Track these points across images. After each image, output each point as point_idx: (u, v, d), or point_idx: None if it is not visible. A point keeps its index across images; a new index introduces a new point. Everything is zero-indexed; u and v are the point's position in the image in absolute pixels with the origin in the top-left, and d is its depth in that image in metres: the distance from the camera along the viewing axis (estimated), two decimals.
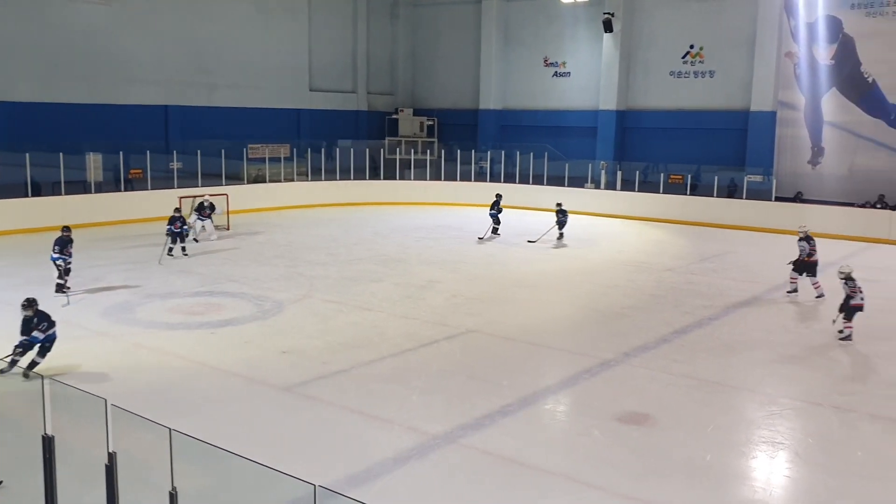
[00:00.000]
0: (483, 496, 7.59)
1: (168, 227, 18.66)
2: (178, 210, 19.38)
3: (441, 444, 8.61)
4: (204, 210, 21.32)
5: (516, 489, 7.75)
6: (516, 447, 8.62)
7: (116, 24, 27.78)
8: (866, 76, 26.75)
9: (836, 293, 13.58)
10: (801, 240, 16.13)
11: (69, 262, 15.08)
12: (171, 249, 18.66)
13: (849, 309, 12.87)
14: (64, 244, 15.05)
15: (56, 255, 14.94)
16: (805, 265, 15.95)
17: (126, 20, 28.02)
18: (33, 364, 10.28)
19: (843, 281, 12.98)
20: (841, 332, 12.90)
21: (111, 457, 5.24)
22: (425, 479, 7.89)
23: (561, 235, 22.19)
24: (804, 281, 15.93)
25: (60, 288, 14.84)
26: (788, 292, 16.06)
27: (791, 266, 16.14)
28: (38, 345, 10.37)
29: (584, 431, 9.22)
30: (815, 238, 16.20)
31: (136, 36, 28.31)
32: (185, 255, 18.86)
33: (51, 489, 5.78)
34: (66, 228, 15.46)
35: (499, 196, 23.43)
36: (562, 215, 22.12)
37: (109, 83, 27.73)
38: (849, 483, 7.98)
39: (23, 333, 10.28)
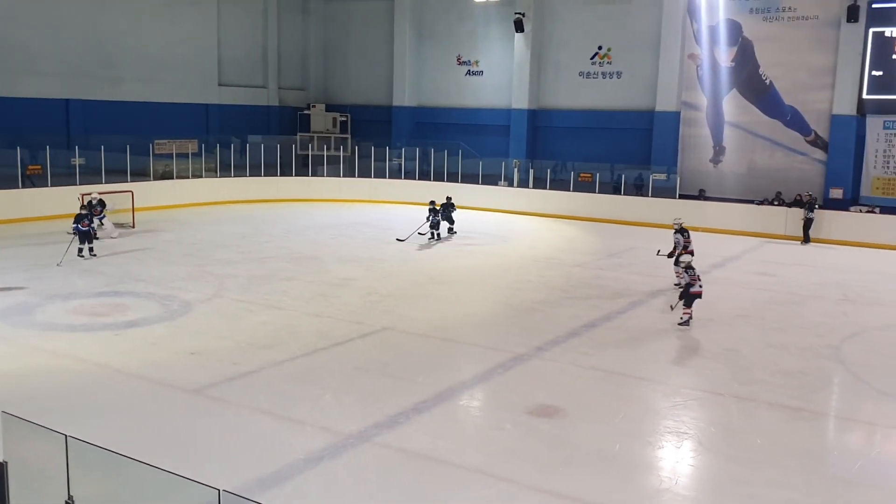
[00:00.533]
0: (396, 494, 7.57)
1: (74, 225, 17.90)
2: (84, 207, 18.65)
3: (355, 443, 8.55)
4: (94, 208, 20.17)
5: (430, 485, 7.77)
6: (430, 443, 8.63)
7: (13, 13, 26.50)
8: (764, 78, 27.91)
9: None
10: (676, 232, 16.79)
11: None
12: (80, 250, 17.91)
13: (688, 296, 13.59)
14: (80, 218, 17.81)
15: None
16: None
17: (24, 8, 26.75)
18: None
19: (684, 268, 13.88)
20: (681, 318, 13.62)
21: (2, 466, 4.99)
22: (338, 480, 7.81)
23: (450, 230, 22.33)
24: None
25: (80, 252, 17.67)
26: (676, 285, 16.60)
27: (666, 256, 16.80)
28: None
29: (498, 425, 9.32)
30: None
31: (34, 25, 27.07)
32: (94, 255, 18.11)
33: None
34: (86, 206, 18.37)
35: (448, 198, 23.04)
36: (435, 214, 21.79)
37: (6, 74, 26.42)
38: (750, 469, 8.29)
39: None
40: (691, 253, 16.21)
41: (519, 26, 31.90)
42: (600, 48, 31.56)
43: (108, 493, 4.95)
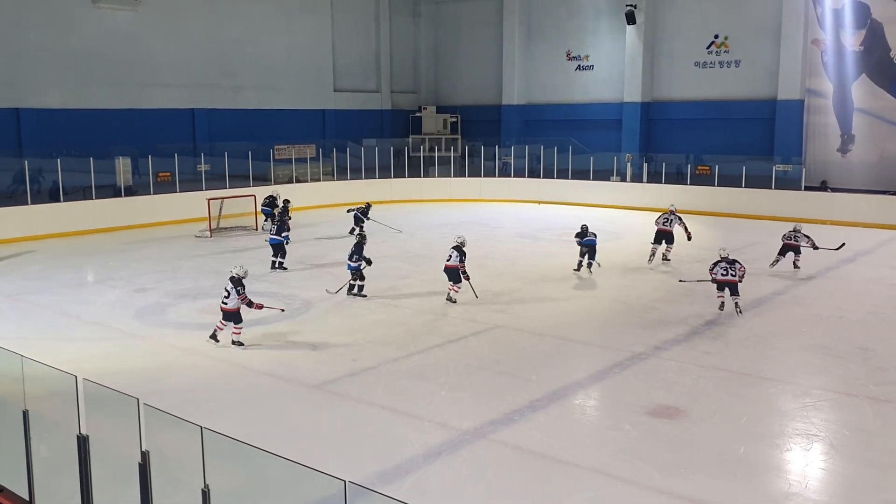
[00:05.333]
0: (513, 491, 7.57)
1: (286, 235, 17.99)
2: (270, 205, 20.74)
3: (471, 439, 8.60)
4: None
5: (547, 483, 7.72)
6: (546, 442, 8.59)
7: (141, 30, 28.10)
8: None
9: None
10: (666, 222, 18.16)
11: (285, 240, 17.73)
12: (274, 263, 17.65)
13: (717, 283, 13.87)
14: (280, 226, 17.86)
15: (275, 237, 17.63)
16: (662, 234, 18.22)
17: (151, 25, 28.34)
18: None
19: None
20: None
21: (144, 456, 5.30)
22: (456, 475, 7.89)
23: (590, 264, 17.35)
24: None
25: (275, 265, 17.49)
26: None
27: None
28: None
29: (615, 425, 9.16)
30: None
31: (161, 41, 28.63)
32: (284, 268, 17.56)
33: (86, 488, 5.86)
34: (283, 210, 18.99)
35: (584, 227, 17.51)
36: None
37: (136, 88, 28.09)
38: (886, 474, 7.85)
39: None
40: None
41: (631, 18, 31.30)
42: (717, 37, 30.56)
43: (240, 482, 5.17)
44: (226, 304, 11.80)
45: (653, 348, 11.86)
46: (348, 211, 22.26)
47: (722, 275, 13.76)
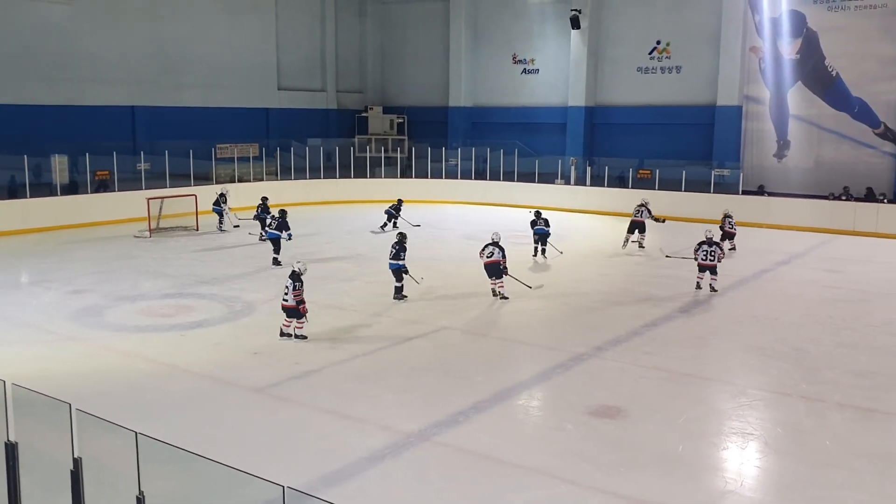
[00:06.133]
0: (457, 492, 7.58)
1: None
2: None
3: (415, 442, 8.59)
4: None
5: (490, 485, 7.75)
6: (490, 443, 8.62)
7: (80, 24, 27.37)
8: (830, 70, 27.13)
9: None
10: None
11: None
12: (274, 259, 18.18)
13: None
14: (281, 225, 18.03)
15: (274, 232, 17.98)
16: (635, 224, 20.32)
17: (90, 20, 27.62)
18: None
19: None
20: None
21: (76, 462, 5.15)
22: (399, 478, 7.86)
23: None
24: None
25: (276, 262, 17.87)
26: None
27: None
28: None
29: (558, 426, 9.25)
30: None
31: (100, 36, 27.91)
32: (279, 264, 17.84)
33: (15, 496, 5.67)
34: (282, 212, 18.50)
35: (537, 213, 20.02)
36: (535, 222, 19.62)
37: (74, 84, 27.31)
38: (819, 472, 8.07)
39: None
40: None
41: (575, 23, 31.66)
42: (658, 43, 31.11)
43: (176, 488, 5.08)
44: (286, 300, 12.04)
45: (595, 349, 12.01)
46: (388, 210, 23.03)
47: (702, 259, 15.48)
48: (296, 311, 12.08)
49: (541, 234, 19.22)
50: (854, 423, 9.47)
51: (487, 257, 14.93)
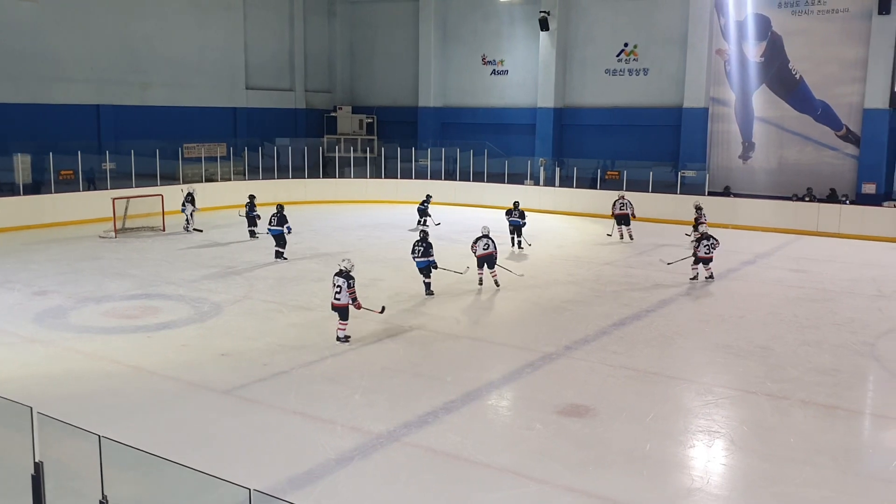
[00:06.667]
0: (426, 493, 7.57)
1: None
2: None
3: (384, 443, 8.57)
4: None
5: (459, 485, 7.76)
6: (459, 443, 8.63)
7: (44, 21, 26.88)
8: (794, 73, 27.55)
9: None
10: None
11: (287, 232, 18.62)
12: (277, 253, 18.89)
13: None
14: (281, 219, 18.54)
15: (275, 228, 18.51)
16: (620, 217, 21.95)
17: (54, 17, 27.14)
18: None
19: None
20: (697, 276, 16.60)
21: (38, 467, 5.06)
22: (368, 479, 7.84)
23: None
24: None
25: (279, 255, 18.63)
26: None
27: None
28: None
29: (527, 425, 9.29)
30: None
31: (64, 33, 27.45)
32: (285, 258, 18.75)
33: None
34: (280, 206, 19.08)
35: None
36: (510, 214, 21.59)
37: (38, 82, 26.81)
38: (783, 468, 8.19)
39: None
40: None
41: (544, 24, 31.78)
42: (626, 45, 31.34)
43: (141, 492, 5.01)
44: (339, 299, 11.97)
45: (564, 348, 12.08)
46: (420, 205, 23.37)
47: (705, 253, 16.53)
48: (346, 311, 11.99)
49: (514, 226, 20.51)
50: (817, 419, 9.63)
51: (483, 249, 15.90)
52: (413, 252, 15.58)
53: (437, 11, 35.25)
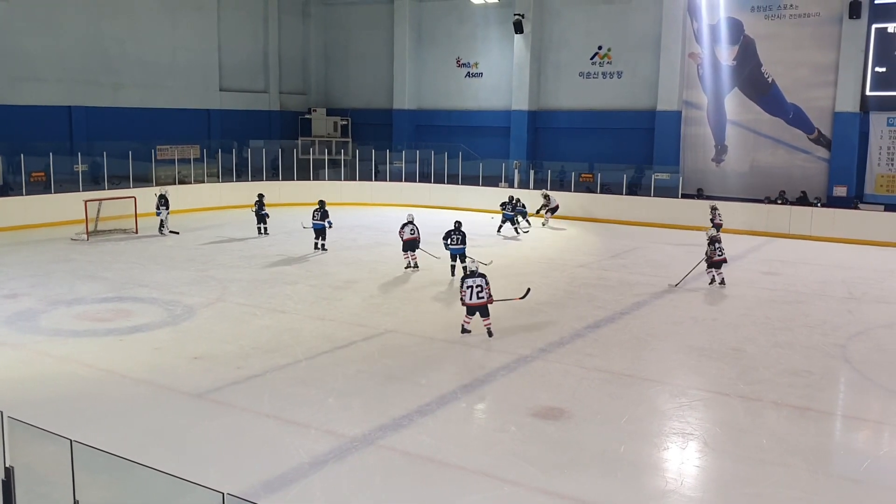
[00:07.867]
0: (401, 496, 7.55)
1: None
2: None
3: (359, 446, 8.54)
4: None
5: (434, 488, 7.75)
6: (434, 446, 8.62)
7: (13, 20, 26.54)
8: (766, 76, 27.88)
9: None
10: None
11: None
12: (316, 244, 20.33)
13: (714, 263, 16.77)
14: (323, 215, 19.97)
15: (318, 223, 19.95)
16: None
17: (25, 16, 26.81)
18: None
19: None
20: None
21: (8, 472, 4.99)
22: (342, 482, 7.80)
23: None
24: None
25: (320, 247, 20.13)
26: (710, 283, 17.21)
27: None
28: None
29: (501, 427, 9.30)
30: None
31: (35, 33, 27.11)
32: (325, 250, 20.23)
33: None
34: (322, 202, 20.44)
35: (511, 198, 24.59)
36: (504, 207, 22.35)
37: (7, 82, 26.47)
38: (756, 469, 8.27)
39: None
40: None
41: (518, 27, 31.90)
42: (600, 48, 31.55)
43: (113, 497, 4.96)
44: (481, 297, 12.45)
45: (538, 351, 12.11)
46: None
47: (719, 255, 16.73)
48: (486, 307, 12.56)
49: (507, 218, 23.64)
50: (789, 421, 9.73)
51: (410, 234, 17.85)
52: (448, 239, 17.26)
53: (411, 14, 35.26)
